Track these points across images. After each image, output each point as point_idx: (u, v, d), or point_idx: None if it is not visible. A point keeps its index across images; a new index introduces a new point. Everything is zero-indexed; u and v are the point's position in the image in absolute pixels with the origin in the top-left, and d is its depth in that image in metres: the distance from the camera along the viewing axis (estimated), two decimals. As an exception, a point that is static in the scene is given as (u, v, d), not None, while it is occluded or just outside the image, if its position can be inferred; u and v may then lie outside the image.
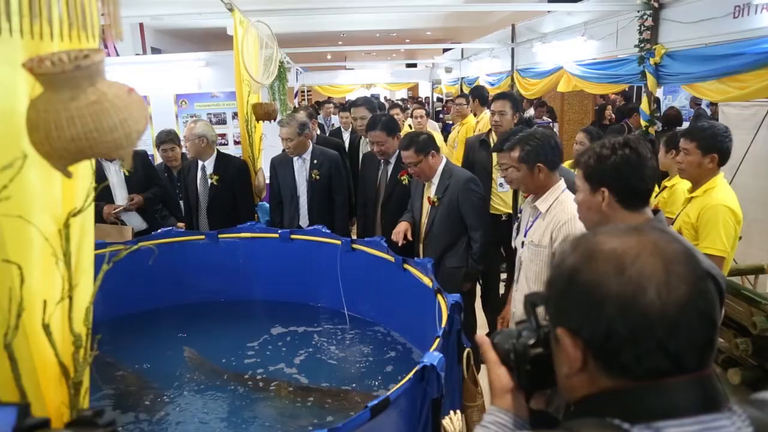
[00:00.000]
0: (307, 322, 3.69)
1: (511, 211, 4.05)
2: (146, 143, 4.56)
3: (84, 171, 1.28)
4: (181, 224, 4.28)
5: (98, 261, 1.34)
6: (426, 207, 3.33)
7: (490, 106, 4.26)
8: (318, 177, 3.93)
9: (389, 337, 3.48)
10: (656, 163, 2.08)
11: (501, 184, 3.89)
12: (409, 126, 6.77)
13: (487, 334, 1.12)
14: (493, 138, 4.07)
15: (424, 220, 3.33)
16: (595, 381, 0.75)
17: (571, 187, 2.47)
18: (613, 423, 0.70)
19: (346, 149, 5.27)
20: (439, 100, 17.69)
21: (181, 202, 4.48)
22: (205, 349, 3.39)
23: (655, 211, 1.78)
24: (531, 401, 0.98)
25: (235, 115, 6.74)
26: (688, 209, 2.87)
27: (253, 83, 4.36)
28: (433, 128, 7.45)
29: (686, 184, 3.07)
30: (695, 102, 9.69)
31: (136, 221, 4.14)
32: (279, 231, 3.93)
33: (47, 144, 0.83)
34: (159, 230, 3.90)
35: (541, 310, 0.92)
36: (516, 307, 2.69)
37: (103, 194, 3.94)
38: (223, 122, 6.82)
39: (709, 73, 4.53)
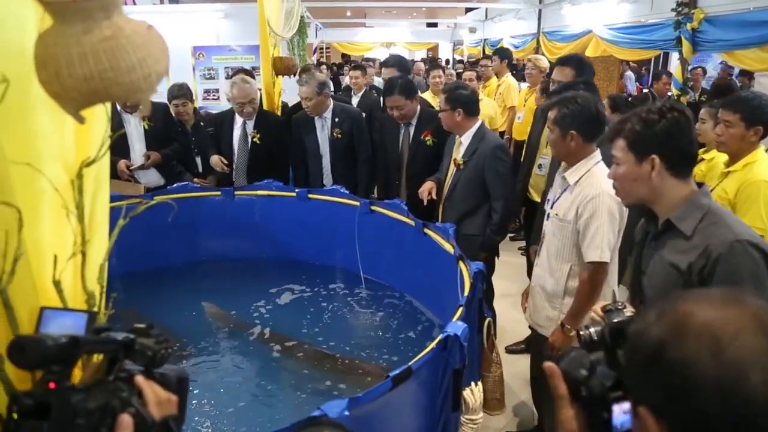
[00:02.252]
0: (323, 282, 3.66)
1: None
2: (162, 95, 4.42)
3: (99, 117, 1.19)
4: (197, 180, 4.20)
5: (113, 216, 1.26)
6: (451, 168, 3.22)
7: (551, 73, 3.81)
8: (340, 136, 3.83)
9: (405, 302, 3.43)
10: None
11: (540, 166, 3.60)
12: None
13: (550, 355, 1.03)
14: None
15: (448, 181, 3.23)
16: None
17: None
18: None
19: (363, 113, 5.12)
20: (460, 61, 17.30)
21: (198, 159, 4.39)
22: (224, 304, 3.38)
23: (699, 184, 1.67)
24: None
25: (254, 69, 6.59)
26: (725, 184, 2.73)
27: (275, 36, 4.22)
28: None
29: (725, 158, 2.92)
30: (727, 72, 9.34)
31: (153, 177, 4.06)
32: (296, 190, 3.86)
33: (57, 83, 0.74)
34: (175, 185, 3.84)
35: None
36: (534, 280, 2.59)
37: (120, 147, 3.84)
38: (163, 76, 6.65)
39: (750, 41, 4.29)
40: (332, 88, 4.00)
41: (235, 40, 6.68)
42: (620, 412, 0.81)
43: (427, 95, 5.27)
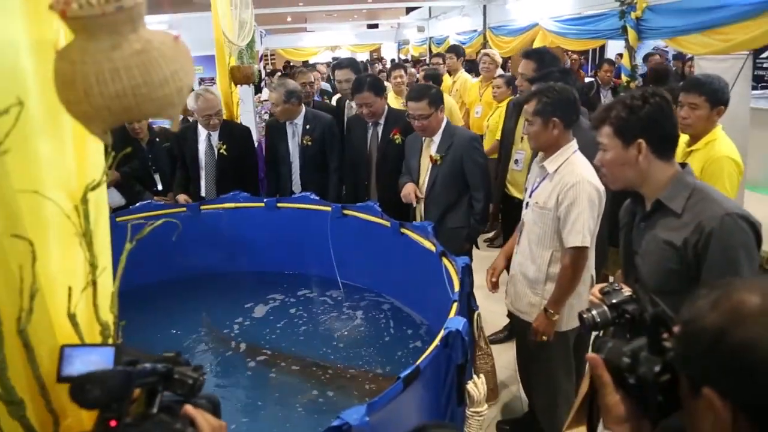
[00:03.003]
0: (300, 291, 3.62)
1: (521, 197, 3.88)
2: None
3: (95, 138, 1.13)
4: (158, 197, 4.07)
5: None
6: (426, 166, 3.23)
7: (519, 67, 3.76)
8: (310, 143, 3.78)
9: (386, 304, 3.42)
10: None
11: (516, 161, 3.61)
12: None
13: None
14: None
15: (424, 179, 3.24)
16: None
17: (591, 146, 2.40)
18: None
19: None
20: (406, 61, 17.40)
21: (157, 176, 4.26)
22: (197, 323, 3.30)
23: (682, 165, 1.73)
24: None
25: (201, 81, 6.45)
26: (689, 163, 2.84)
27: (230, 45, 4.14)
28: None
29: (685, 138, 3.04)
30: (664, 57, 9.73)
31: (115, 197, 3.92)
32: (265, 200, 3.80)
33: (86, 102, 0.70)
34: (138, 204, 3.72)
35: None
36: (515, 268, 2.63)
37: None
38: (192, 89, 6.52)
39: (691, 27, 4.50)
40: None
41: (182, 51, 6.52)
42: None
43: (390, 96, 5.26)
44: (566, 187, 2.31)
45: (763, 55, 8.63)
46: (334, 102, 5.13)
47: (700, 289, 0.79)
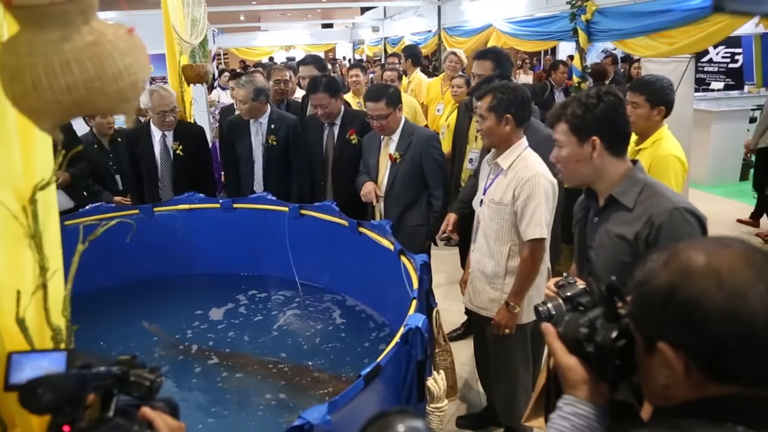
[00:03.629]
0: (258, 293, 3.56)
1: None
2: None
3: (44, 136, 1.09)
4: (119, 198, 3.95)
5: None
6: (385, 165, 3.23)
7: (473, 67, 3.79)
8: (274, 142, 3.73)
9: (345, 304, 3.41)
10: None
11: (471, 160, 3.62)
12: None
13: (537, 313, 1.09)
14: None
15: (383, 178, 3.24)
16: (701, 388, 0.77)
17: (543, 144, 2.46)
18: (735, 429, 0.72)
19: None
20: (360, 61, 17.39)
21: (117, 176, 4.14)
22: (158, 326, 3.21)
23: (634, 161, 1.79)
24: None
25: (153, 80, 6.27)
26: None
27: (182, 44, 4.05)
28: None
29: (633, 137, 3.15)
30: (612, 59, 10.04)
31: (61, 200, 3.77)
32: (221, 201, 3.73)
33: (34, 96, 0.67)
34: (87, 207, 3.59)
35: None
36: (473, 265, 2.67)
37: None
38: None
39: (639, 30, 4.66)
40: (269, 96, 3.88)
41: (132, 49, 6.33)
42: None
43: (348, 96, 5.24)
44: (522, 182, 2.37)
45: (704, 59, 9.04)
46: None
47: (650, 253, 0.85)
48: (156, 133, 3.71)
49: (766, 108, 5.42)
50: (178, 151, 3.69)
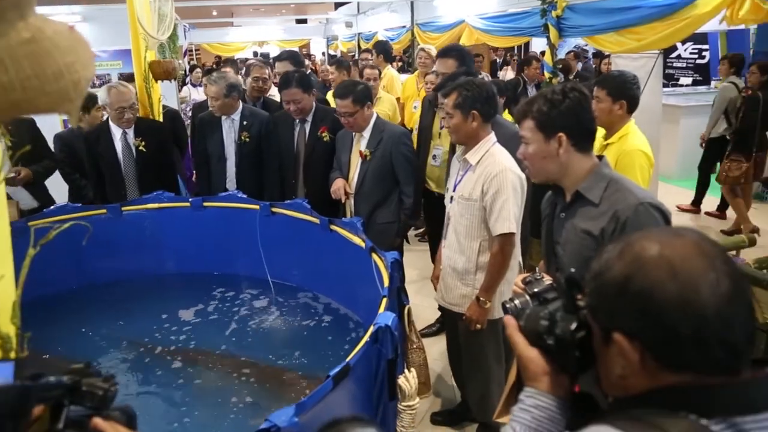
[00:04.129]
0: (229, 292, 3.53)
1: (440, 191, 3.74)
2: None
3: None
4: None
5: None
6: (355, 161, 3.21)
7: (435, 65, 3.85)
8: (247, 139, 3.68)
9: (317, 302, 3.39)
10: None
11: (434, 156, 3.63)
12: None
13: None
14: None
15: (353, 175, 3.22)
16: (656, 377, 0.78)
17: (511, 141, 2.47)
18: (688, 418, 0.73)
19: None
20: (333, 56, 17.30)
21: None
22: (128, 327, 3.15)
23: (599, 157, 1.81)
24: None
25: (121, 76, 6.14)
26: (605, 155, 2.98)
27: (149, 39, 3.96)
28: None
29: (602, 132, 3.17)
30: (583, 56, 10.15)
31: (24, 198, 3.67)
32: (191, 199, 3.68)
33: (-33, 96, 0.64)
34: (52, 207, 3.50)
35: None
36: (444, 262, 2.67)
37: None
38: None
39: (608, 26, 4.72)
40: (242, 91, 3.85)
41: (98, 45, 6.18)
42: None
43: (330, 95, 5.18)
44: (490, 177, 2.38)
45: (673, 56, 9.19)
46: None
47: (607, 245, 0.86)
48: (116, 131, 3.64)
49: (717, 101, 5.68)
50: (140, 148, 3.62)
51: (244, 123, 3.69)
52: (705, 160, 5.92)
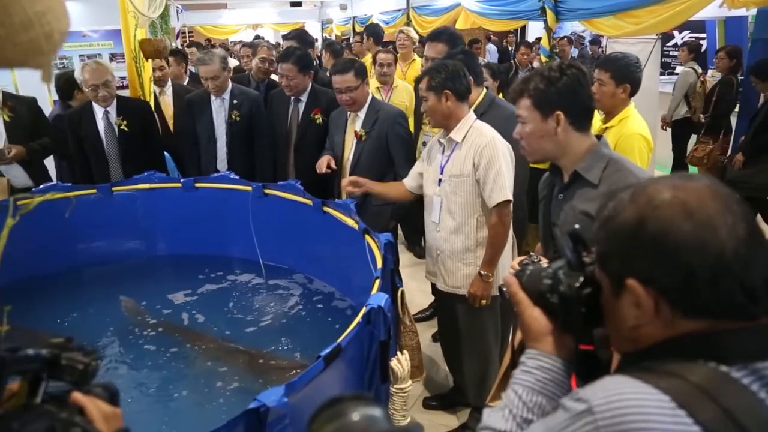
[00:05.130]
0: (222, 274, 3.48)
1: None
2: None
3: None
4: None
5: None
6: (350, 142, 3.17)
7: (425, 49, 3.73)
8: (238, 118, 3.61)
9: (310, 284, 3.36)
10: None
11: (424, 143, 3.56)
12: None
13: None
14: None
15: (348, 155, 3.18)
16: (672, 326, 0.75)
17: (509, 121, 2.43)
18: (708, 366, 0.70)
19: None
20: (330, 41, 17.11)
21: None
22: (117, 308, 3.11)
23: (598, 137, 1.77)
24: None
25: (113, 57, 6.04)
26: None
27: (140, 17, 3.88)
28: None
29: (598, 115, 3.14)
30: (579, 42, 10.11)
31: (20, 175, 3.60)
32: (182, 180, 3.62)
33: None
34: (41, 186, 3.44)
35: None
36: (440, 247, 2.64)
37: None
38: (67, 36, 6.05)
39: (605, 9, 4.67)
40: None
41: (89, 24, 6.06)
42: None
43: None
44: (480, 149, 2.38)
45: (670, 44, 9.14)
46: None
47: (615, 192, 0.83)
48: (98, 111, 3.57)
49: (678, 85, 5.81)
50: (122, 127, 3.55)
51: (234, 102, 3.63)
52: (674, 142, 6.15)
